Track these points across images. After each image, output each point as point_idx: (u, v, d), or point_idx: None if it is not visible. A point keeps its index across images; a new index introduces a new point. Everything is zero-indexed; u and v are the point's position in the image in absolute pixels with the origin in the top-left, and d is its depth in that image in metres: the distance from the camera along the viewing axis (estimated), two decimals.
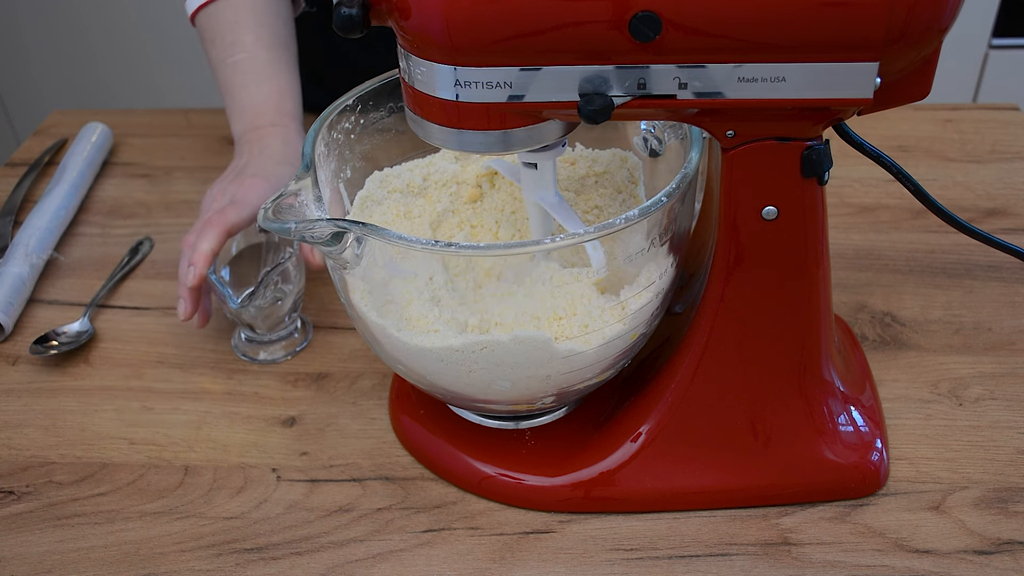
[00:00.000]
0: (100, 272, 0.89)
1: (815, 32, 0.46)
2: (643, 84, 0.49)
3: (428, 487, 0.66)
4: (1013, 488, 0.64)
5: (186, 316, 0.73)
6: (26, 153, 1.07)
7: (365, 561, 0.61)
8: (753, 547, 0.61)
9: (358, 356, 0.77)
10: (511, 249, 0.54)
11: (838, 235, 0.88)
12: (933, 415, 0.70)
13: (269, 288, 0.73)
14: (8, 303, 0.81)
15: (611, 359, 0.59)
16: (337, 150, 0.64)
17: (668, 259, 0.58)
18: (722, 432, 0.62)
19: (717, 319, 0.59)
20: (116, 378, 0.77)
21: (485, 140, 0.52)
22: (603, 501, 0.63)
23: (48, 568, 0.62)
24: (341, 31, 0.49)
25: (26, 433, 0.72)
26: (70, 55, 2.05)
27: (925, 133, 1.03)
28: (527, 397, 0.60)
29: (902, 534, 0.61)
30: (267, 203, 0.53)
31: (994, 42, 1.77)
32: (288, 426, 0.72)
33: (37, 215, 0.92)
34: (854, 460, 0.63)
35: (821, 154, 0.53)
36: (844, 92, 0.48)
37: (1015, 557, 0.60)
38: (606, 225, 0.51)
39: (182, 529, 0.64)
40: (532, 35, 0.47)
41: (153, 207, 0.98)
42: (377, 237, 0.52)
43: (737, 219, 0.55)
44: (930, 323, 0.78)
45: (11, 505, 0.66)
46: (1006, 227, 0.89)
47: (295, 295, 0.76)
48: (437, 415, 0.69)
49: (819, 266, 0.58)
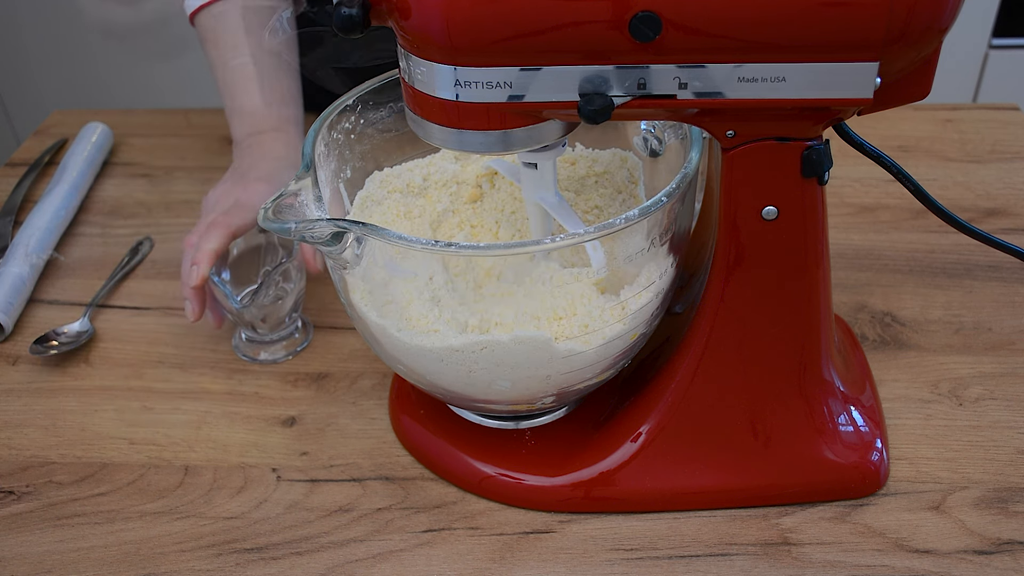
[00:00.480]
0: (100, 272, 0.89)
1: (815, 32, 0.46)
2: (643, 84, 0.49)
3: (428, 487, 0.66)
4: (1013, 488, 0.64)
5: (195, 316, 0.73)
6: (26, 153, 1.07)
7: (365, 561, 0.61)
8: (753, 547, 0.61)
9: (358, 356, 0.77)
10: (511, 249, 0.54)
11: (838, 235, 0.88)
12: (933, 415, 0.70)
13: (271, 287, 0.73)
14: (8, 303, 0.81)
15: (611, 359, 0.59)
16: (337, 150, 0.64)
17: (668, 259, 0.58)
18: (722, 432, 0.62)
19: (717, 319, 0.59)
20: (116, 378, 0.77)
21: (485, 140, 0.52)
22: (603, 501, 0.63)
23: (48, 568, 0.62)
24: (341, 31, 0.49)
25: (26, 433, 0.72)
26: (70, 55, 2.05)
27: (925, 133, 1.03)
28: (527, 397, 0.60)
29: (902, 534, 0.61)
30: (267, 203, 0.53)
31: (994, 42, 1.77)
32: (288, 426, 0.72)
33: (37, 215, 0.92)
34: (854, 460, 0.63)
35: (821, 154, 0.53)
36: (844, 92, 0.48)
37: (1015, 557, 0.60)
38: (606, 225, 0.51)
39: (182, 529, 0.64)
40: (532, 35, 0.47)
41: (153, 207, 0.98)
42: (377, 237, 0.52)
43: (737, 219, 0.55)
44: (930, 323, 0.78)
45: (11, 505, 0.66)
46: (1006, 227, 0.89)
47: (296, 294, 0.76)
48: (437, 415, 0.69)
49: (819, 266, 0.58)
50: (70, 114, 1.15)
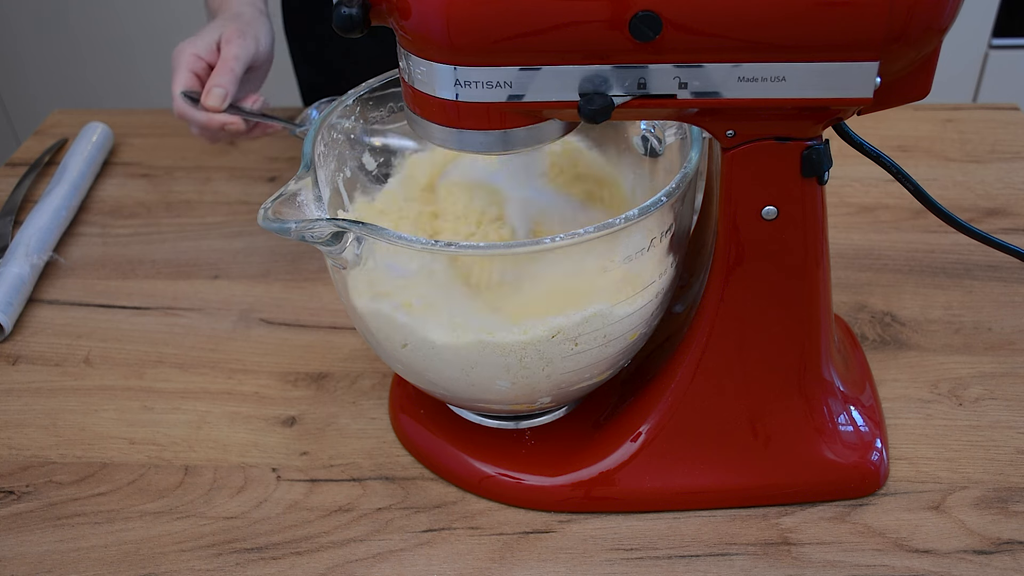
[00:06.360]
0: (100, 272, 0.89)
1: (815, 32, 0.46)
2: (643, 84, 0.49)
3: (428, 487, 0.66)
4: (1013, 488, 0.64)
5: (223, 100, 0.76)
6: (26, 153, 1.07)
7: (365, 561, 0.61)
8: (753, 547, 0.61)
9: (358, 356, 0.77)
10: (511, 249, 0.54)
11: (838, 235, 0.88)
12: (933, 415, 0.70)
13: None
14: (8, 303, 0.81)
15: (611, 359, 0.59)
16: (337, 150, 0.64)
17: (668, 259, 0.58)
18: (722, 432, 0.62)
19: (717, 319, 0.59)
20: (116, 378, 0.77)
21: (485, 140, 0.52)
22: (603, 501, 0.63)
23: (48, 568, 0.62)
24: (341, 31, 0.49)
25: (26, 433, 0.72)
26: (70, 55, 2.05)
27: (925, 133, 1.03)
28: (527, 397, 0.60)
29: (902, 534, 0.61)
30: (267, 203, 0.53)
31: (994, 42, 1.77)
32: (288, 426, 0.72)
33: (37, 215, 0.92)
34: (854, 460, 0.63)
35: (821, 154, 0.53)
36: (844, 92, 0.48)
37: (1015, 557, 0.60)
38: (606, 225, 0.51)
39: (182, 529, 0.64)
40: (532, 35, 0.47)
41: (153, 207, 0.98)
42: (377, 237, 0.52)
43: (737, 219, 0.55)
44: (930, 323, 0.78)
45: (11, 505, 0.66)
46: (1006, 227, 0.89)
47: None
48: (437, 415, 0.69)
49: (819, 266, 0.58)
50: (70, 114, 1.15)
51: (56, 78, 2.10)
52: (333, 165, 0.64)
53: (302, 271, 0.87)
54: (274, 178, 1.01)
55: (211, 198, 0.98)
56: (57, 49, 2.05)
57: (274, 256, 0.89)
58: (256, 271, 0.87)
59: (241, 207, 0.97)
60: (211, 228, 0.94)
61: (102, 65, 2.06)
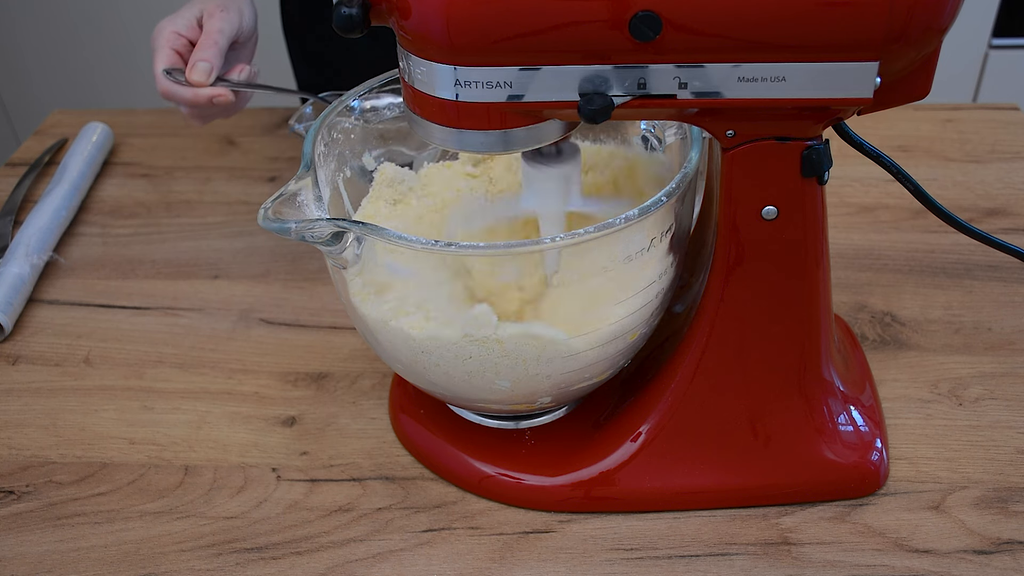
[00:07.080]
0: (100, 272, 0.89)
1: (815, 32, 0.46)
2: (643, 84, 0.49)
3: (428, 487, 0.66)
4: (1013, 488, 0.64)
5: (208, 72, 0.75)
6: (26, 153, 1.07)
7: (365, 561, 0.61)
8: (753, 547, 0.61)
9: (358, 356, 0.77)
10: (511, 249, 0.54)
11: (838, 235, 0.88)
12: (933, 415, 0.70)
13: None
14: (8, 303, 0.81)
15: (611, 359, 0.59)
16: (337, 150, 0.64)
17: (668, 259, 0.58)
18: (722, 432, 0.62)
19: (717, 319, 0.59)
20: (116, 378, 0.77)
21: (485, 140, 0.52)
22: (603, 501, 0.63)
23: (48, 568, 0.62)
24: (341, 31, 0.49)
25: (26, 433, 0.72)
26: (70, 55, 2.05)
27: (925, 133, 1.03)
28: (527, 397, 0.60)
29: (902, 534, 0.61)
30: (267, 203, 0.53)
31: (994, 42, 1.77)
32: (288, 426, 0.72)
33: (37, 215, 0.92)
34: (854, 460, 0.63)
35: (821, 154, 0.53)
36: (844, 92, 0.48)
37: (1015, 557, 0.60)
38: (606, 225, 0.51)
39: (182, 529, 0.64)
40: (532, 35, 0.47)
41: (153, 207, 0.98)
42: (377, 237, 0.52)
43: (737, 219, 0.55)
44: (930, 323, 0.78)
45: (11, 505, 0.66)
46: (1006, 227, 0.89)
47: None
48: (437, 415, 0.69)
49: (819, 266, 0.58)
50: (70, 114, 1.15)
51: (56, 78, 2.10)
52: (333, 165, 0.64)
53: (302, 271, 0.87)
54: (274, 178, 1.01)
55: (211, 198, 0.98)
56: (57, 49, 2.05)
57: (274, 256, 0.89)
58: (256, 271, 0.88)
59: (241, 207, 0.97)
60: (211, 228, 0.94)
61: (102, 65, 2.06)
